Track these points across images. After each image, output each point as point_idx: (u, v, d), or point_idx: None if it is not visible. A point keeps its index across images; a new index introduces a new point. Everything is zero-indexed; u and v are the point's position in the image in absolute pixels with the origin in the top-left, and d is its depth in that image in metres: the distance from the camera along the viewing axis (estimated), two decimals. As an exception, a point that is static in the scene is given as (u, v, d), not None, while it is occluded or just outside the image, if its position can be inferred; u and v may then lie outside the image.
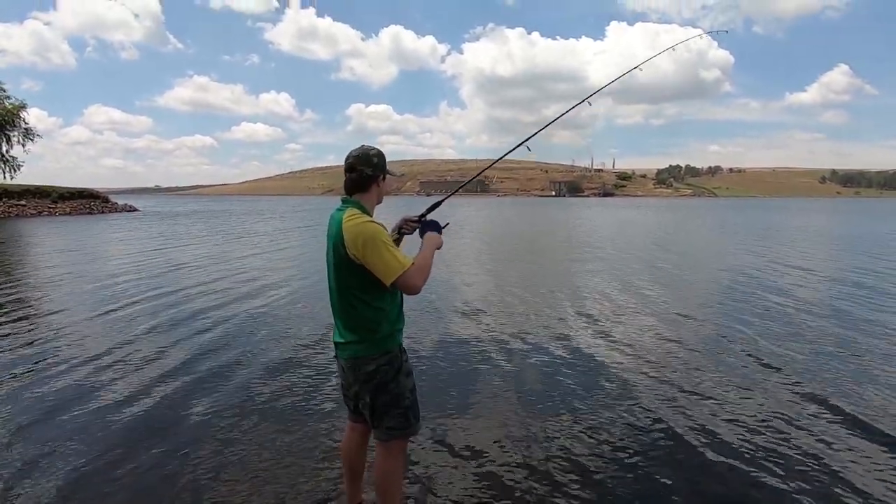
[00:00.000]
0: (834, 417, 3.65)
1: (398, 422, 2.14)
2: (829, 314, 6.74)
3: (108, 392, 4.12)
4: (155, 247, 15.46)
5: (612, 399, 3.99)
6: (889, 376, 4.44)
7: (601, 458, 3.11)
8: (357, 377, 2.12)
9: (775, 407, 3.82)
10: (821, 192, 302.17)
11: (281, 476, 2.92)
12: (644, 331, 5.97)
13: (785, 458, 3.09)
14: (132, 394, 4.08)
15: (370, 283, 2.04)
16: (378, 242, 1.97)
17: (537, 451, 3.19)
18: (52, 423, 3.58)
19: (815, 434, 3.40)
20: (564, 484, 2.84)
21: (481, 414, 3.74)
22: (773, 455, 3.13)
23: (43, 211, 36.40)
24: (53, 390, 4.14)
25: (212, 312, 6.80)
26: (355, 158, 2.12)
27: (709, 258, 13.51)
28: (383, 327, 2.11)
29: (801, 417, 3.65)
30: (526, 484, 2.85)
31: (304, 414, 3.73)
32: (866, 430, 3.45)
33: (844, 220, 34.41)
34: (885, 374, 4.51)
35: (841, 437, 3.37)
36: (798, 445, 3.25)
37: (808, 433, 3.41)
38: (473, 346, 5.33)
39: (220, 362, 4.84)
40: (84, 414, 3.72)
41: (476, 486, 2.83)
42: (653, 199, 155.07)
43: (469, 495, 2.74)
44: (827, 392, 4.08)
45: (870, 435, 3.39)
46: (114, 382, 4.32)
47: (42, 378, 4.42)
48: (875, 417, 3.63)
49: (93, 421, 3.61)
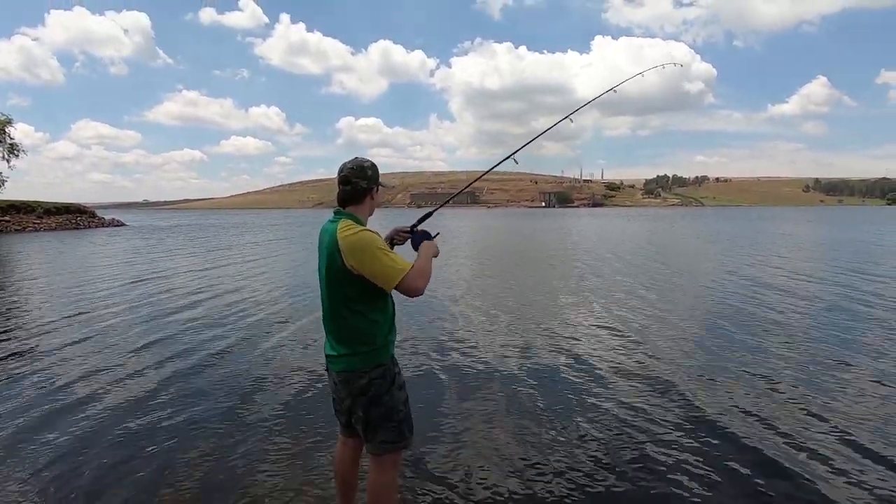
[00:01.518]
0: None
1: (392, 435, 2.13)
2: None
3: (90, 410, 4.04)
4: (139, 262, 15.29)
5: (601, 409, 4.00)
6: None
7: (601, 472, 3.10)
8: (350, 391, 2.10)
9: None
10: (805, 200, 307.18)
11: (273, 491, 2.88)
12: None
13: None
14: (112, 410, 4.01)
15: (366, 294, 2.04)
16: (375, 250, 1.98)
17: (531, 461, 3.18)
18: (30, 440, 3.51)
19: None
20: (561, 496, 2.83)
21: (475, 425, 3.72)
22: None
23: (27, 226, 35.85)
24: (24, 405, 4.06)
25: (199, 324, 6.72)
26: (350, 171, 2.13)
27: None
28: (377, 339, 2.10)
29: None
30: (522, 496, 2.83)
31: (295, 427, 3.68)
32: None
33: (847, 227, 34.92)
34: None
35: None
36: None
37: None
38: (472, 356, 5.32)
39: (207, 374, 4.78)
40: (64, 430, 3.65)
41: (472, 496, 2.81)
42: (648, 210, 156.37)
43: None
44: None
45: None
46: (97, 399, 4.24)
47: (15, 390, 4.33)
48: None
49: (71, 442, 3.54)
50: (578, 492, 2.86)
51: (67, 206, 42.39)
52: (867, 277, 10.65)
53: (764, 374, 4.70)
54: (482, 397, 4.25)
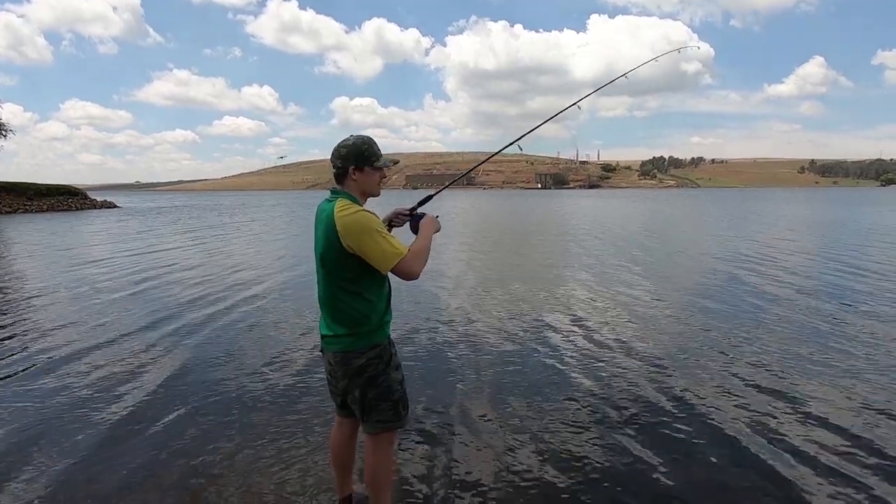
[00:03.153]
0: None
1: (388, 415, 2.12)
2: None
3: (87, 392, 4.03)
4: (135, 243, 15.17)
5: (597, 389, 4.03)
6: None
7: (595, 450, 3.13)
8: (346, 371, 2.09)
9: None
10: (801, 182, 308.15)
11: (270, 470, 2.88)
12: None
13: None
14: (113, 392, 3.99)
15: (362, 275, 2.02)
16: (373, 231, 1.95)
17: (526, 441, 3.20)
18: (33, 421, 3.51)
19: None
20: (549, 473, 2.86)
21: (472, 404, 3.73)
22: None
23: (18, 209, 35.46)
24: (27, 392, 4.06)
25: (194, 305, 6.71)
26: (333, 151, 2.12)
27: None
28: (372, 320, 2.08)
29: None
30: (517, 474, 2.85)
31: (291, 408, 3.69)
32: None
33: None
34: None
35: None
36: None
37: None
38: (473, 336, 5.35)
39: (201, 356, 4.77)
40: (63, 413, 3.63)
41: (467, 475, 2.83)
42: (643, 191, 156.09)
43: (460, 483, 2.74)
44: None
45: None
46: (93, 383, 4.23)
47: (20, 380, 4.32)
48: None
49: (70, 422, 3.53)
50: (572, 472, 2.89)
51: (58, 188, 41.96)
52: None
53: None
54: (477, 375, 4.26)
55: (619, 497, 2.65)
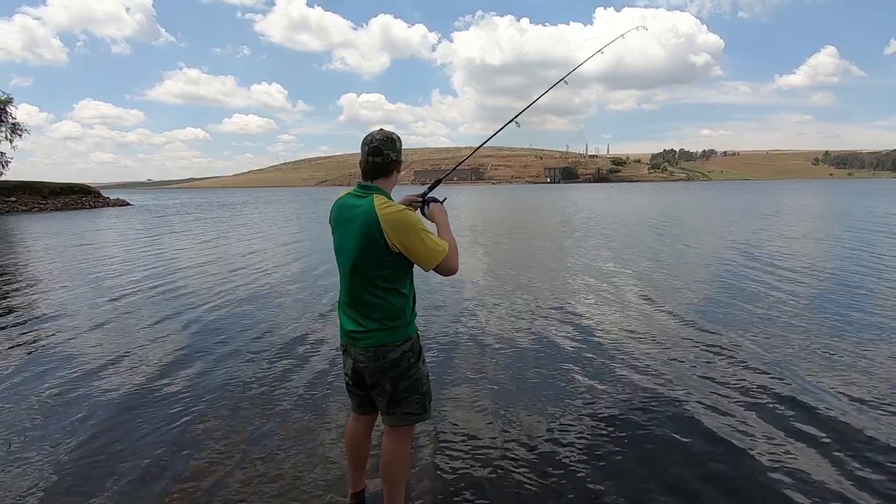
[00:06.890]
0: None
1: (415, 407, 2.14)
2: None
3: (97, 382, 4.09)
4: (146, 243, 15.33)
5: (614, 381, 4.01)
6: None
7: (608, 443, 3.13)
8: (380, 365, 2.07)
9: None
10: (815, 174, 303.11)
11: (284, 464, 2.91)
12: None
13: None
14: (122, 383, 4.05)
15: (400, 270, 2.04)
16: (419, 230, 1.98)
17: (537, 434, 3.19)
18: (43, 404, 3.58)
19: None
20: (568, 467, 2.86)
21: (484, 398, 3.73)
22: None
23: (34, 207, 35.99)
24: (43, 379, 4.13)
25: (203, 298, 6.78)
26: (380, 141, 2.04)
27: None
28: (407, 314, 2.10)
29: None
30: (528, 468, 2.85)
31: (304, 402, 3.71)
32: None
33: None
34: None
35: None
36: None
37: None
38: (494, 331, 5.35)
39: (212, 350, 4.82)
40: (72, 404, 3.69)
41: (479, 469, 2.83)
42: (654, 184, 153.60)
43: (473, 478, 2.74)
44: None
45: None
46: (108, 376, 4.29)
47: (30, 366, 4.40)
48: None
49: (78, 412, 3.58)
50: (586, 463, 2.88)
51: (72, 187, 42.54)
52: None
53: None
54: (493, 365, 4.26)
55: (623, 496, 2.64)
